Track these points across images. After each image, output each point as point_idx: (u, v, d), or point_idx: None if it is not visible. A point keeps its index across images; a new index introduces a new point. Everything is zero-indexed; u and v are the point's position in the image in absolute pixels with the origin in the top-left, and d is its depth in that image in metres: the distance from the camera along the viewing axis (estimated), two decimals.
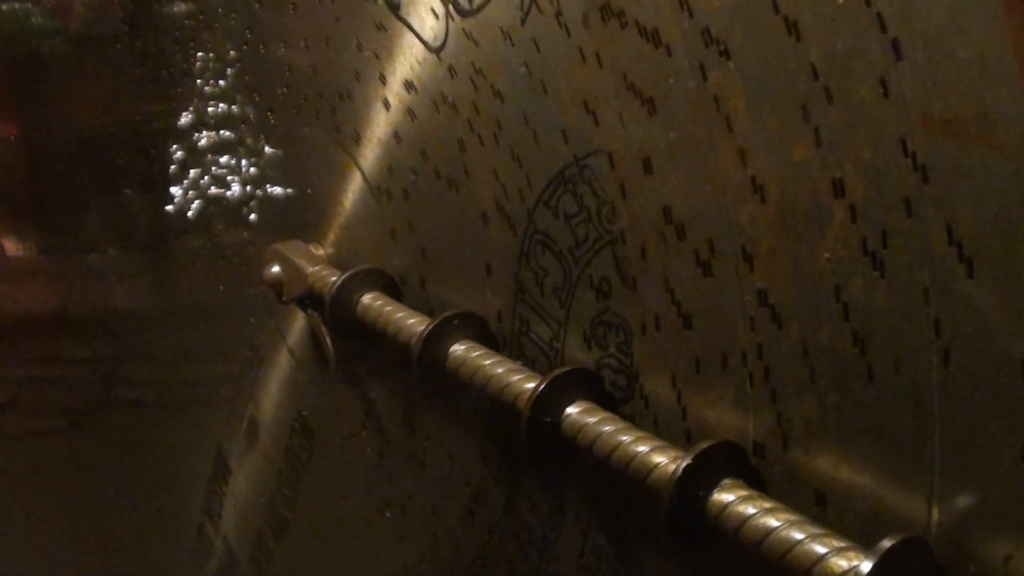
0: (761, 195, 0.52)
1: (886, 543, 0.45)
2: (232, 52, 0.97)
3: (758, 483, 0.53)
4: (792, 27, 0.48)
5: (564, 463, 0.67)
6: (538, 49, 0.63)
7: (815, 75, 0.48)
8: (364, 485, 0.92)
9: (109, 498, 1.17)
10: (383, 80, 0.77)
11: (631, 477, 0.55)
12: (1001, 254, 0.43)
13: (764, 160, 0.51)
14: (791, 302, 0.52)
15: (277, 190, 0.95)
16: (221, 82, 0.98)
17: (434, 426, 0.81)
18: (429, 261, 0.77)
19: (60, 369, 1.23)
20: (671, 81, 0.55)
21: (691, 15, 0.53)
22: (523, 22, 0.64)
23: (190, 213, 1.05)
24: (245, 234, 1.00)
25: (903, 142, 0.45)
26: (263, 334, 1.00)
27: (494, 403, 0.65)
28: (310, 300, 0.86)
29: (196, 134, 1.02)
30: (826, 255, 0.49)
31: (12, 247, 1.29)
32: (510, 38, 0.65)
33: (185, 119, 1.03)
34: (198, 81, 1.00)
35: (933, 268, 0.45)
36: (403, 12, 0.74)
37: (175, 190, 1.05)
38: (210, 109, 0.99)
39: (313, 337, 0.91)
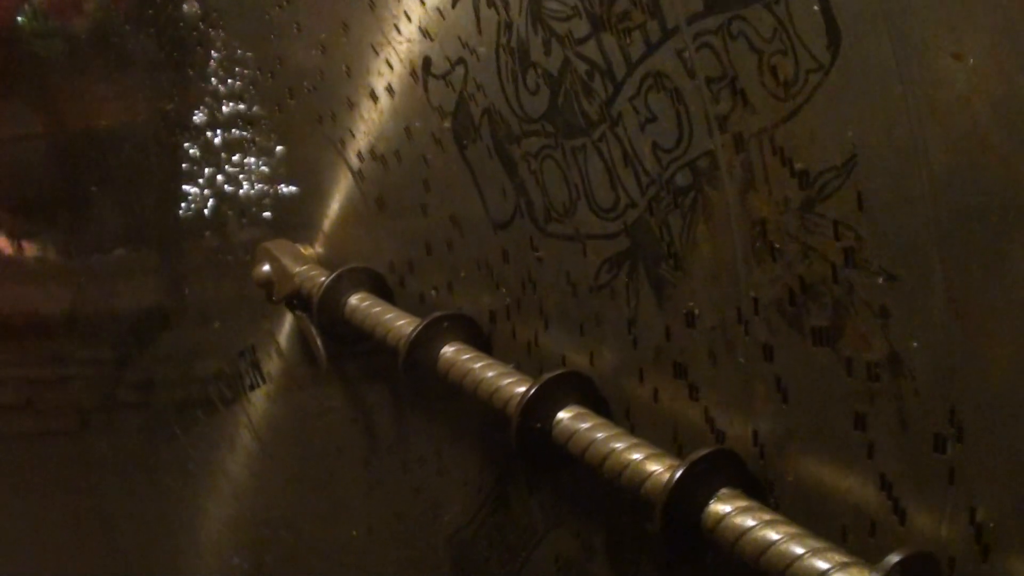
0: None
1: (893, 558, 0.42)
2: (240, 51, 0.94)
3: (758, 492, 0.51)
4: None
5: (555, 472, 0.65)
6: (598, 323, 0.61)
7: None
8: (304, 460, 0.91)
9: (119, 497, 1.17)
10: (426, 186, 0.74)
11: (624, 486, 0.53)
12: None
13: None
14: None
15: (288, 189, 0.93)
16: (233, 81, 0.96)
17: (391, 486, 0.81)
18: None
19: (70, 369, 1.22)
20: None
21: None
22: (591, 290, 0.61)
23: (199, 213, 1.03)
24: (254, 233, 0.97)
25: None
26: (257, 334, 0.99)
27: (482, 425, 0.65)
28: (298, 300, 0.84)
29: (209, 133, 0.99)
30: None
31: (23, 248, 1.27)
32: (576, 291, 0.62)
33: (197, 118, 1.00)
34: (212, 80, 0.98)
35: None
36: (469, 155, 0.69)
37: (185, 189, 1.03)
38: (224, 108, 0.97)
39: (303, 338, 0.90)
